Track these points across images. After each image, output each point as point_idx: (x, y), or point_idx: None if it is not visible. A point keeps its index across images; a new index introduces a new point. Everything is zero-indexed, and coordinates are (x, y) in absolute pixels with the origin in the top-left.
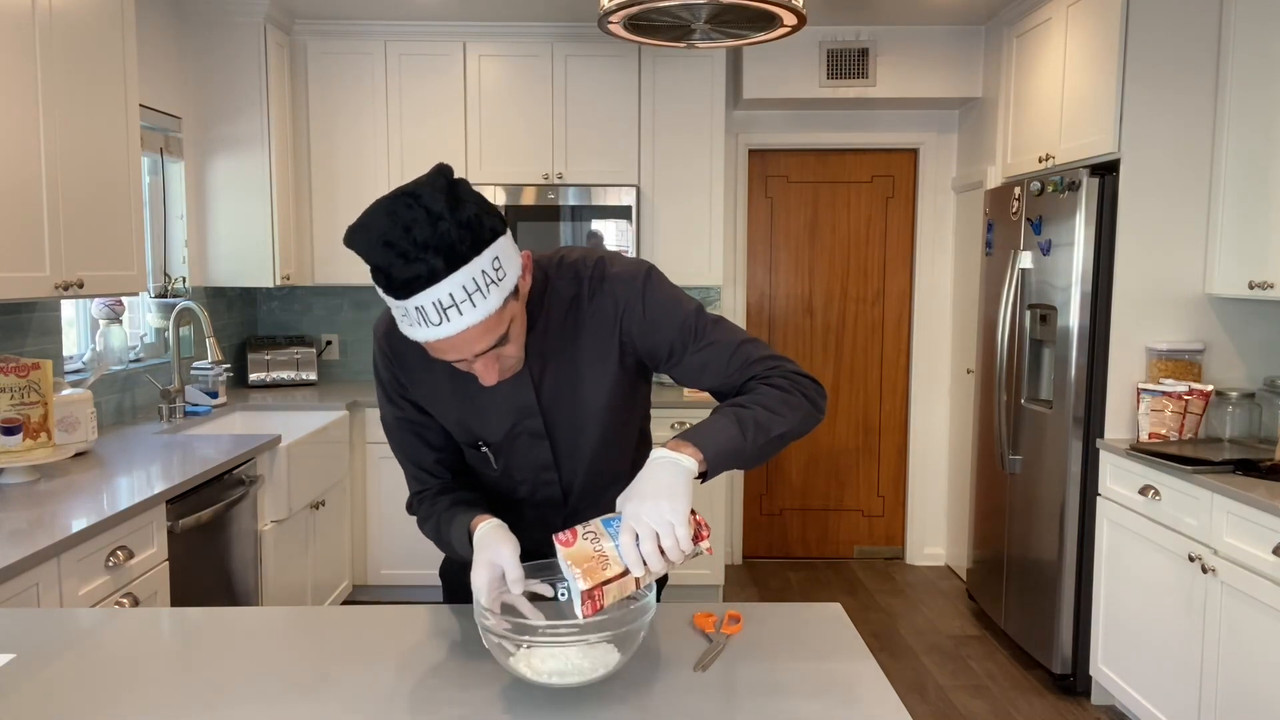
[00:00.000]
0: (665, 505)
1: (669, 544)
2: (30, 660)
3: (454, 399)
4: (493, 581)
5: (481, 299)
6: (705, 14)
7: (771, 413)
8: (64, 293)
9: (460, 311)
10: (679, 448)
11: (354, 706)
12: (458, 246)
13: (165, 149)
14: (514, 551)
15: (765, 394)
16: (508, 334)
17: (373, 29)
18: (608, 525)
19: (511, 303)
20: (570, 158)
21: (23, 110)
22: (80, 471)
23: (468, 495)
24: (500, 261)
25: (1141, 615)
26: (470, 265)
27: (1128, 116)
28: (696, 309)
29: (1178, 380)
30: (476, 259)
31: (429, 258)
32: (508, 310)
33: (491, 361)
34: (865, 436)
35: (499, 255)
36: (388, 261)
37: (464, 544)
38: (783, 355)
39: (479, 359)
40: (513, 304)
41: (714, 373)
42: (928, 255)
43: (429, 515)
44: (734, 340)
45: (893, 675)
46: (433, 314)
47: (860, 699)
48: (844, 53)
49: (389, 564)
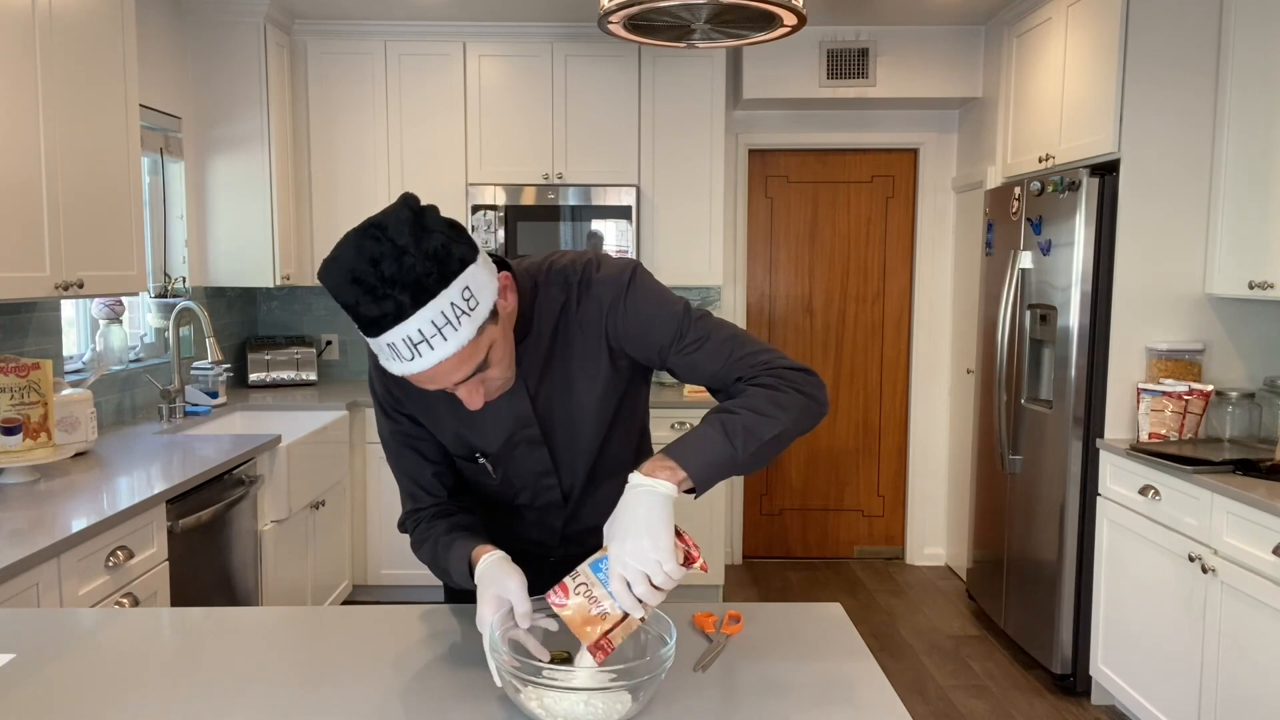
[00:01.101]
0: (646, 543)
1: (660, 580)
2: (30, 660)
3: (449, 414)
4: (502, 617)
5: (453, 331)
6: (705, 14)
7: (761, 415)
8: (64, 293)
9: (431, 346)
10: (656, 470)
11: (354, 706)
12: (423, 280)
13: (165, 149)
14: (521, 585)
15: (753, 396)
16: (487, 360)
17: (373, 29)
18: (596, 570)
19: (489, 328)
20: (570, 158)
21: (23, 110)
22: (80, 471)
23: (465, 520)
24: (471, 290)
25: (1141, 615)
26: (438, 299)
27: (1128, 116)
28: (683, 308)
29: (1178, 380)
30: (445, 292)
31: (396, 294)
32: (484, 337)
33: (475, 386)
34: (865, 436)
35: (469, 285)
36: (355, 299)
37: (463, 574)
38: (773, 348)
39: (461, 386)
40: (490, 329)
41: (705, 372)
42: (928, 255)
43: (424, 539)
44: (720, 338)
45: (893, 675)
46: (404, 350)
47: (860, 699)
48: (844, 53)
49: (389, 564)
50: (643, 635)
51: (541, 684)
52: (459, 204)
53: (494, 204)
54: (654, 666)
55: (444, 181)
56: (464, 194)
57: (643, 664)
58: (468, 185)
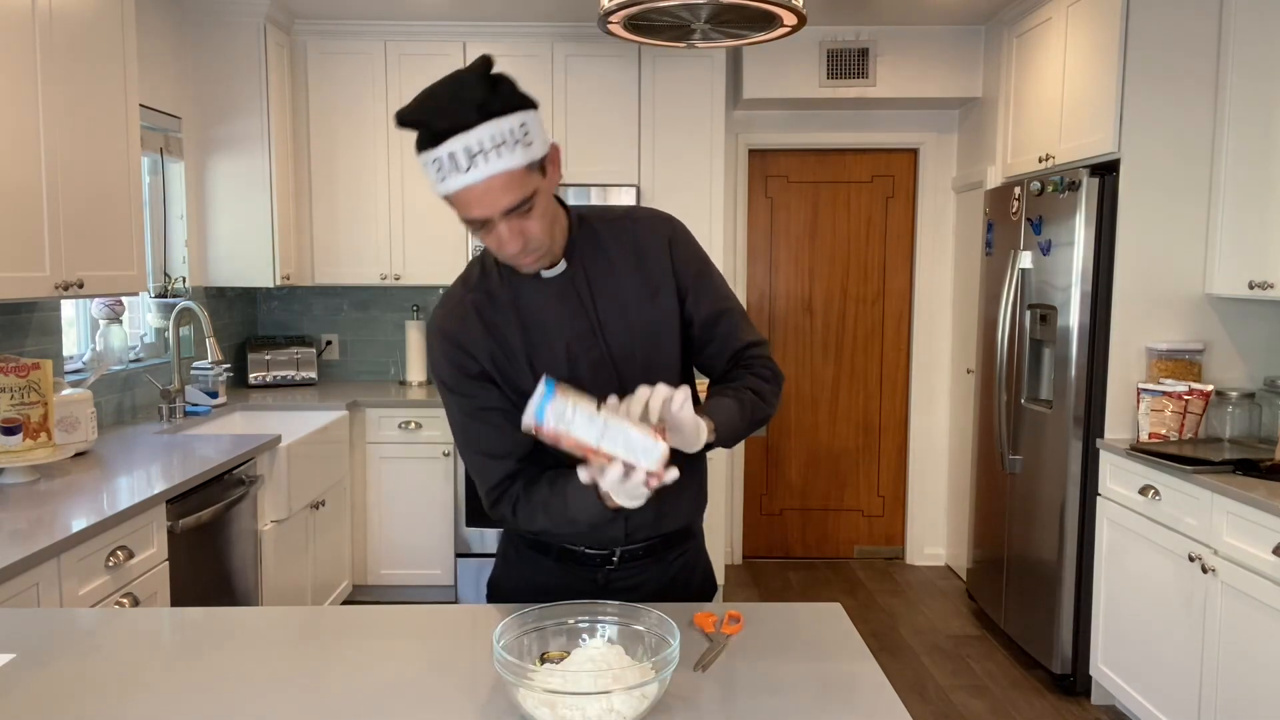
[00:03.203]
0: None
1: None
2: (30, 660)
3: (521, 340)
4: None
5: (508, 151)
6: (705, 14)
7: (761, 400)
8: (64, 293)
9: (487, 159)
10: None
11: (354, 707)
12: (490, 103)
13: (165, 149)
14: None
15: (757, 383)
16: (533, 204)
17: (373, 29)
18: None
19: (535, 175)
20: (570, 158)
21: (23, 110)
22: (80, 471)
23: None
24: (528, 128)
25: (1141, 615)
26: (500, 120)
27: (1128, 116)
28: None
29: (1178, 380)
30: (506, 117)
31: (464, 109)
32: (532, 179)
33: (515, 229)
34: (865, 436)
35: (527, 122)
36: (428, 113)
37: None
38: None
39: (503, 222)
40: (537, 177)
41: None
42: (928, 255)
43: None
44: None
45: (893, 675)
46: (462, 159)
47: (860, 699)
48: (844, 53)
49: (389, 564)
50: (647, 637)
51: (556, 692)
52: None
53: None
54: (661, 667)
55: None
56: None
57: (648, 664)
58: None
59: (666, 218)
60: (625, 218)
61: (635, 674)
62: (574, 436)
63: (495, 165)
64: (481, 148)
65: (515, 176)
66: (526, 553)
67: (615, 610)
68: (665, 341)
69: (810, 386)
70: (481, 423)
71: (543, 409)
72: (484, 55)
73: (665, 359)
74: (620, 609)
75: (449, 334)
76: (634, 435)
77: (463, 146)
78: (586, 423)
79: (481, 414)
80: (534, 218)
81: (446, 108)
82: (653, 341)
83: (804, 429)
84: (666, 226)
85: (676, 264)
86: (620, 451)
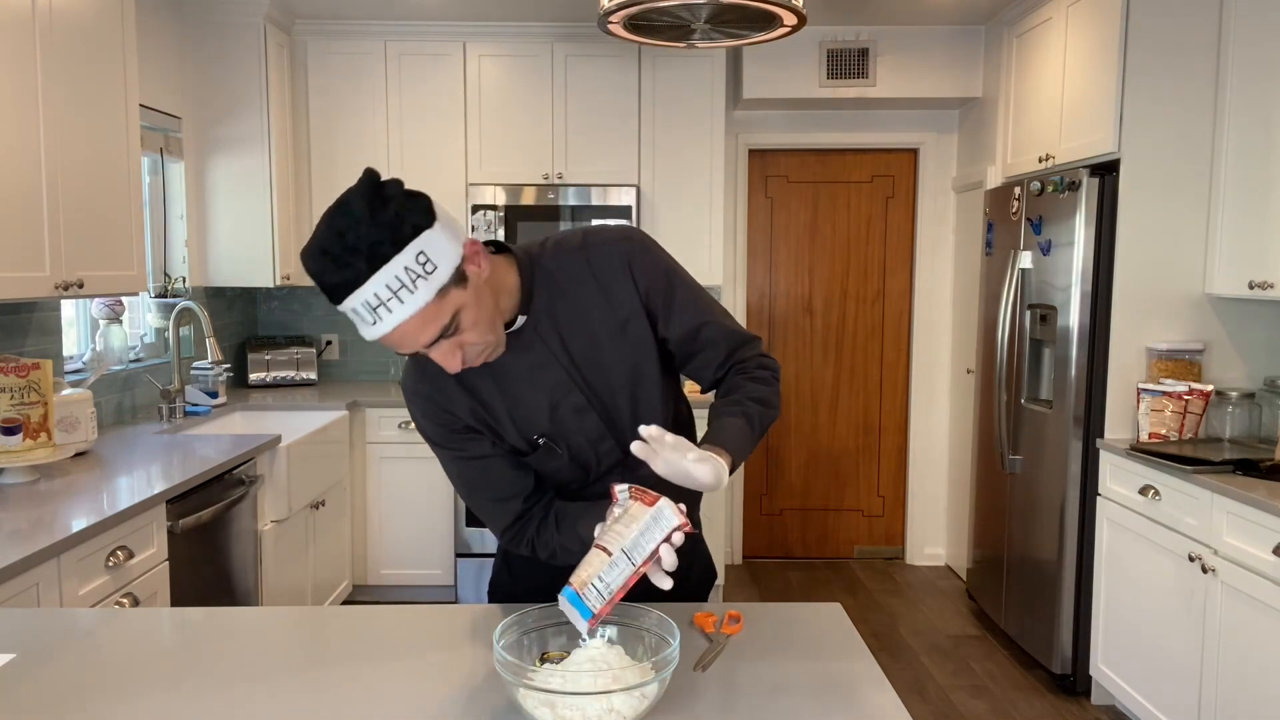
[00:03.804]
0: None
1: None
2: (30, 660)
3: (500, 397)
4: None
5: (409, 294)
6: (705, 14)
7: (767, 407)
8: (64, 293)
9: (389, 309)
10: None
11: (354, 707)
12: (376, 247)
13: (165, 149)
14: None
15: (758, 390)
16: (458, 323)
17: (373, 29)
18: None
19: (454, 292)
20: (570, 158)
21: (23, 110)
22: (80, 471)
23: (566, 503)
24: (427, 255)
25: (1141, 615)
26: (391, 264)
27: (1128, 116)
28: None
29: (1178, 380)
30: (398, 257)
31: (354, 261)
32: (448, 301)
33: (450, 350)
34: (865, 436)
35: (424, 250)
36: (321, 268)
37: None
38: (756, 334)
39: (433, 349)
40: (456, 293)
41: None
42: (928, 255)
43: (549, 549)
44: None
45: (893, 675)
46: (366, 315)
47: (860, 699)
48: (844, 53)
49: (389, 564)
50: (647, 637)
51: (555, 692)
52: (459, 204)
53: (494, 204)
54: (661, 667)
55: (444, 181)
56: (464, 194)
57: (648, 665)
58: (468, 185)
59: (621, 235)
60: (579, 249)
61: (635, 674)
62: (621, 587)
63: (400, 313)
64: (380, 299)
65: (427, 312)
66: None
67: (615, 610)
68: (645, 367)
69: (810, 386)
70: (478, 471)
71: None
72: (367, 170)
73: (648, 386)
74: (620, 609)
75: (425, 395)
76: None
77: (362, 302)
78: (614, 570)
79: (475, 463)
80: (466, 331)
81: (335, 264)
82: (633, 373)
83: (804, 429)
84: (623, 246)
85: (640, 286)
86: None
